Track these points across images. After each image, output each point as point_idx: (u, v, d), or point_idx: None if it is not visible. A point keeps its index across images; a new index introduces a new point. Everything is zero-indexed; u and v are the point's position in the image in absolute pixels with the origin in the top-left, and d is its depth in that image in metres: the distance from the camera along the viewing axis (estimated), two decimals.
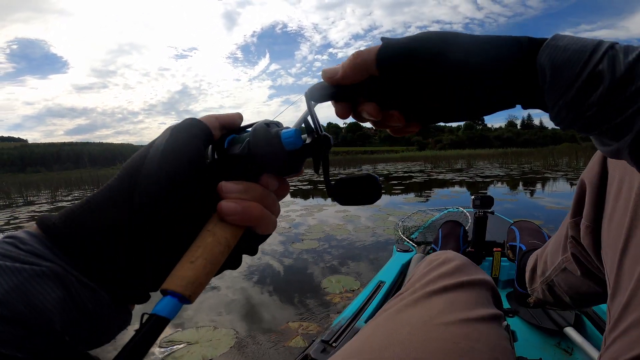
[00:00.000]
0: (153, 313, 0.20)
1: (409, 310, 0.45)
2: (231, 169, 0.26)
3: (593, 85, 0.22)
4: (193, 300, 0.22)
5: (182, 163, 0.24)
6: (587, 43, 0.22)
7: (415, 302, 0.46)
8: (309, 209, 3.78)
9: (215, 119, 0.27)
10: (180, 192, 0.23)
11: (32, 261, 0.19)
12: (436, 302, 0.45)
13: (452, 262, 0.54)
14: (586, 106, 0.22)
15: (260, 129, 0.26)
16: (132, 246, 0.22)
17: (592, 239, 0.45)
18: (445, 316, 0.41)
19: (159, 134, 0.26)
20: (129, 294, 0.23)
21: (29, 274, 0.19)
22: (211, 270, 0.22)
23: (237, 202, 0.24)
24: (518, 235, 0.96)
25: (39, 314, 0.18)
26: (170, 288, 0.21)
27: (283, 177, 0.28)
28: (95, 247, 0.21)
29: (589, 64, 0.22)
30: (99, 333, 0.22)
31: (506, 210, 3.20)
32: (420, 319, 0.42)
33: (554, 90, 0.23)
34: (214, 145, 0.27)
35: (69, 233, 0.21)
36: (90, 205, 0.22)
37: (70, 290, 0.20)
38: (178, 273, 0.21)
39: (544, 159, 11.10)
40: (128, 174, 0.23)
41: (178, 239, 0.23)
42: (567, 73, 0.22)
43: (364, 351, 0.39)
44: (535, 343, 0.89)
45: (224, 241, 0.23)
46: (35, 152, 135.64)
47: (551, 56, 0.23)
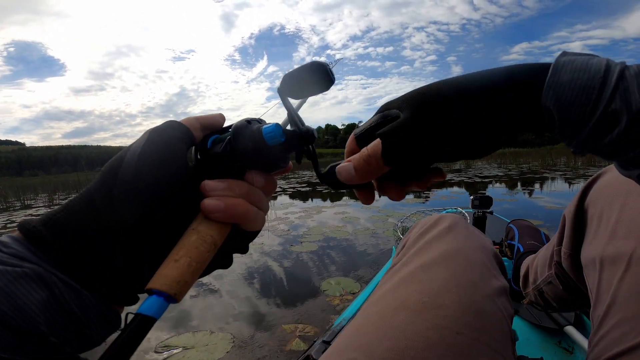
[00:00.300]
0: (138, 312, 0.20)
1: (405, 288, 0.41)
2: (214, 168, 0.26)
3: (607, 127, 0.20)
4: (179, 299, 0.21)
5: (160, 166, 0.24)
6: (594, 75, 0.20)
7: (412, 276, 0.42)
8: (307, 211, 3.76)
9: (195, 120, 0.27)
10: (160, 195, 0.23)
11: (15, 263, 0.20)
12: (434, 277, 0.41)
13: (444, 221, 0.52)
14: (602, 145, 0.21)
15: (240, 126, 0.26)
16: (114, 248, 0.22)
17: (571, 262, 0.53)
18: (445, 296, 0.37)
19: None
20: (114, 295, 0.23)
21: (12, 276, 0.19)
22: (197, 269, 0.22)
23: (220, 199, 0.24)
24: (517, 235, 0.99)
25: (24, 315, 0.18)
26: (155, 287, 0.21)
27: (269, 173, 0.28)
28: (76, 249, 0.21)
29: (600, 103, 0.20)
30: (86, 335, 0.22)
31: (506, 211, 3.19)
32: (418, 300, 0.37)
33: (565, 133, 0.22)
34: (197, 147, 0.27)
35: (49, 236, 0.21)
36: (70, 208, 0.22)
37: (54, 291, 0.20)
38: (162, 272, 0.21)
39: (542, 158, 11.14)
40: (106, 178, 0.23)
41: (163, 240, 0.23)
42: (576, 116, 0.21)
43: (355, 344, 0.35)
44: (536, 342, 0.89)
45: (210, 239, 0.23)
46: (32, 155, 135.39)
47: (556, 98, 0.21)
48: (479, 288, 0.39)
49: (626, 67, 0.20)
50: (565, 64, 0.21)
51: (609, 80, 0.20)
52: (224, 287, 1.80)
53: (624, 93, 0.19)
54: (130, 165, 0.23)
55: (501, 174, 7.50)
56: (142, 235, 0.23)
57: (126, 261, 0.23)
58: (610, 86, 0.20)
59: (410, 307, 0.37)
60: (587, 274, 0.48)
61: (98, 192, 0.23)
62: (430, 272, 0.42)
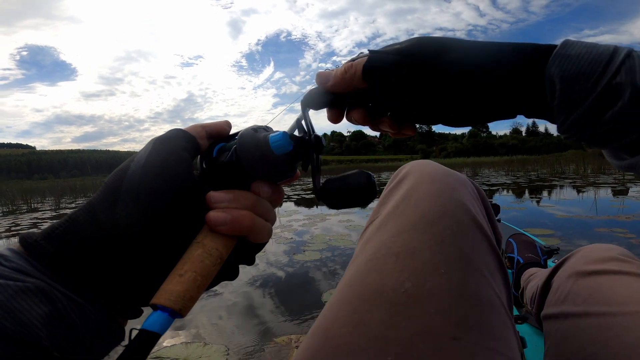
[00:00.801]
0: (143, 328, 0.20)
1: (378, 265, 0.33)
2: (220, 178, 0.25)
3: (609, 100, 0.20)
4: (184, 315, 0.21)
5: (165, 177, 0.23)
6: (602, 51, 0.21)
7: (385, 249, 0.34)
8: (312, 219, 3.72)
9: (201, 128, 0.27)
10: (165, 207, 0.23)
11: (17, 277, 0.19)
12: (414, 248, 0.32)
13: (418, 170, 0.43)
14: (601, 122, 0.21)
15: (247, 134, 0.25)
16: (118, 261, 0.22)
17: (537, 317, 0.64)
18: (431, 278, 0.29)
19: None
20: (118, 309, 0.23)
21: (14, 290, 0.19)
22: (202, 283, 0.22)
23: (226, 211, 0.23)
24: (515, 248, 1.10)
25: (26, 329, 0.18)
26: (160, 302, 0.20)
27: (276, 182, 0.27)
28: (78, 263, 0.21)
29: (605, 75, 0.20)
30: (89, 349, 0.22)
31: (515, 219, 3.11)
32: (394, 286, 0.30)
33: (565, 104, 0.21)
34: (203, 156, 0.27)
35: (51, 250, 0.21)
36: (72, 221, 0.22)
37: (57, 306, 0.20)
38: (167, 287, 0.21)
39: (551, 166, 11.00)
40: (109, 189, 0.23)
41: (169, 253, 0.23)
42: (579, 86, 0.20)
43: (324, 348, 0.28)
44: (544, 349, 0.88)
45: (215, 252, 0.23)
46: (42, 159, 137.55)
47: (562, 67, 0.21)
48: (471, 262, 0.32)
49: (633, 50, 0.21)
50: (575, 43, 0.21)
51: (616, 57, 0.20)
52: (222, 296, 1.75)
53: (630, 69, 0.19)
54: (134, 177, 0.22)
55: (509, 182, 7.40)
56: (146, 248, 0.22)
57: (130, 274, 0.22)
58: (617, 61, 0.20)
59: (387, 299, 0.29)
60: (544, 326, 0.58)
61: (101, 204, 0.22)
62: (409, 243, 0.33)
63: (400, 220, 0.36)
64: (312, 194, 6.77)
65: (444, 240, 0.32)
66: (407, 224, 0.35)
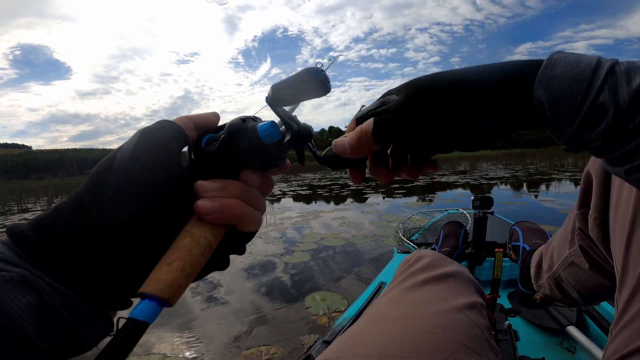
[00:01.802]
0: (130, 317, 0.19)
1: (388, 308, 0.46)
2: (208, 168, 0.25)
3: (595, 119, 0.20)
4: (173, 303, 0.21)
5: (152, 167, 0.23)
6: (584, 68, 0.21)
7: (395, 300, 0.48)
8: (305, 216, 3.60)
9: (189, 120, 0.27)
10: (153, 197, 0.22)
11: (2, 267, 0.19)
12: (413, 297, 0.47)
13: (425, 258, 0.56)
14: (591, 139, 0.21)
15: (235, 124, 0.25)
16: (105, 252, 0.22)
17: (601, 230, 0.45)
18: (421, 309, 0.43)
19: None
20: (106, 299, 0.22)
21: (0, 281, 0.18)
22: (191, 272, 0.22)
23: (214, 200, 0.23)
24: (521, 235, 0.94)
25: (10, 319, 0.18)
26: (147, 291, 0.20)
27: (265, 171, 0.27)
28: (65, 254, 0.21)
29: (589, 96, 0.20)
30: (77, 340, 0.21)
31: (514, 213, 3.01)
32: (398, 314, 0.43)
33: (556, 125, 0.22)
34: (191, 147, 0.26)
35: (37, 240, 0.21)
36: (59, 212, 0.22)
37: (42, 296, 0.20)
38: (155, 276, 0.21)
39: (549, 159, 10.92)
40: (95, 180, 0.23)
41: (157, 243, 0.23)
42: (566, 107, 0.21)
43: (344, 352, 0.39)
44: (537, 342, 0.88)
45: (204, 241, 0.23)
46: (39, 158, 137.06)
47: (547, 89, 0.21)
48: (447, 303, 0.44)
49: (617, 63, 0.21)
50: (558, 60, 0.22)
51: (598, 73, 0.20)
52: (196, 302, 1.63)
53: (612, 87, 0.20)
54: (121, 167, 0.22)
55: (508, 176, 7.30)
56: (134, 238, 0.22)
57: (118, 265, 0.22)
58: (599, 79, 0.20)
59: (393, 318, 0.43)
60: (613, 248, 0.41)
61: (87, 195, 0.22)
62: (410, 294, 0.48)
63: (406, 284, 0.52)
64: (308, 189, 6.66)
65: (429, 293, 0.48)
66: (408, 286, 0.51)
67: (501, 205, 3.58)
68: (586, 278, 0.53)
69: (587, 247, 0.50)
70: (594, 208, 0.45)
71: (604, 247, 0.45)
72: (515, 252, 0.93)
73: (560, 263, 0.58)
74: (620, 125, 0.20)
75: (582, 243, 0.50)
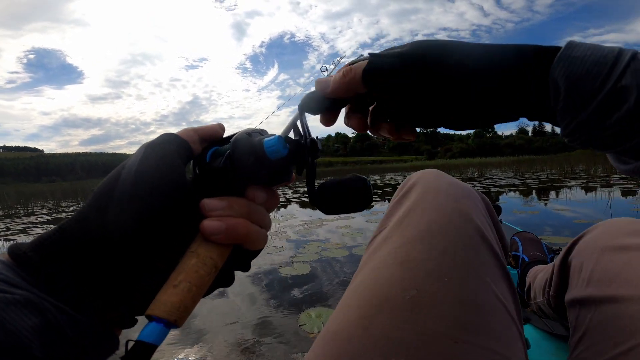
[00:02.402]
0: (139, 340, 0.20)
1: (384, 274, 0.35)
2: (214, 184, 0.25)
3: (615, 103, 0.20)
4: (180, 325, 0.21)
5: (157, 184, 0.22)
6: (607, 53, 0.20)
7: (391, 259, 0.36)
8: (307, 224, 3.50)
9: (193, 132, 0.26)
10: (158, 214, 0.22)
11: (5, 289, 0.19)
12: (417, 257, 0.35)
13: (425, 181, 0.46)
14: (606, 125, 0.20)
15: (241, 139, 0.24)
16: (109, 271, 0.22)
17: (556, 302, 0.65)
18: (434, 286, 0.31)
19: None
20: (111, 318, 0.23)
21: (3, 302, 0.19)
22: (197, 293, 0.22)
23: (221, 220, 0.23)
24: (521, 247, 1.05)
25: (16, 340, 0.18)
26: (154, 313, 0.20)
27: (271, 187, 0.27)
28: (68, 274, 0.21)
29: (610, 78, 0.20)
30: (83, 358, 0.22)
31: (527, 222, 2.87)
32: (403, 295, 0.31)
33: (569, 107, 0.21)
34: (195, 160, 0.26)
35: (39, 261, 0.21)
36: (61, 233, 0.22)
37: (47, 317, 0.20)
38: (162, 298, 0.21)
39: (559, 166, 10.68)
40: (100, 197, 0.22)
41: (162, 261, 0.23)
42: (584, 89, 0.20)
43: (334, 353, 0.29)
44: (548, 350, 0.89)
45: (210, 262, 0.22)
46: (50, 162, 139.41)
47: (566, 69, 0.21)
48: (473, 270, 0.34)
49: (638, 52, 0.20)
50: (580, 44, 0.21)
51: (621, 58, 0.20)
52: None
53: (636, 71, 0.19)
54: (126, 185, 0.22)
55: (518, 183, 7.13)
56: (138, 256, 0.22)
57: (122, 283, 0.22)
58: (622, 63, 0.19)
59: (394, 305, 0.31)
60: (569, 312, 0.52)
61: (92, 213, 0.22)
62: (413, 252, 0.35)
63: (406, 231, 0.38)
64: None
65: (447, 250, 0.34)
66: (412, 235, 0.37)
67: (512, 214, 3.45)
68: (555, 315, 0.70)
69: (550, 305, 0.68)
70: (553, 289, 0.65)
71: (558, 313, 0.67)
72: (515, 261, 1.05)
73: (539, 300, 0.73)
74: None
75: (548, 303, 0.69)
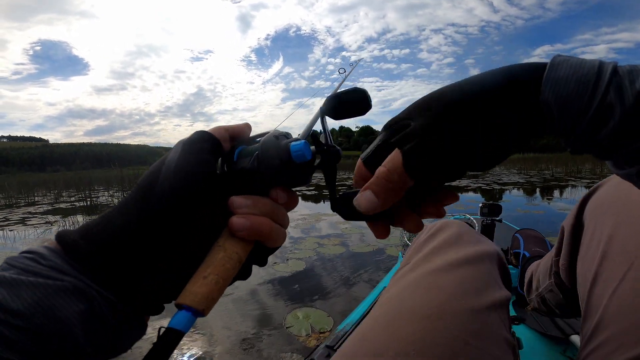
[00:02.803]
0: (170, 327, 0.21)
1: (412, 293, 0.40)
2: (241, 183, 0.26)
3: (602, 119, 0.21)
4: (206, 314, 0.22)
5: (194, 179, 0.24)
6: (588, 71, 0.21)
7: (419, 282, 0.42)
8: (307, 219, 3.44)
9: (224, 131, 0.28)
10: (193, 207, 0.24)
11: (55, 276, 0.21)
12: (442, 284, 0.40)
13: (450, 229, 0.52)
14: (597, 140, 0.21)
15: (269, 142, 0.26)
16: (147, 261, 0.23)
17: (568, 274, 0.56)
18: (452, 304, 0.37)
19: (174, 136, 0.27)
20: (144, 305, 0.24)
21: (53, 289, 0.20)
22: (223, 285, 0.23)
23: (247, 217, 0.24)
24: (522, 243, 1.00)
25: (63, 326, 0.19)
26: (185, 302, 0.22)
27: (292, 188, 0.28)
28: (111, 262, 0.22)
29: (595, 96, 0.20)
30: (118, 343, 0.23)
31: (532, 224, 2.80)
32: (425, 306, 0.37)
33: (563, 126, 0.22)
34: (224, 158, 0.27)
35: (87, 248, 0.22)
36: (106, 221, 0.23)
37: (92, 304, 0.21)
38: (192, 288, 0.22)
39: (565, 165, 10.52)
40: (142, 191, 0.24)
41: (191, 253, 0.24)
42: (573, 108, 0.21)
43: (363, 350, 0.35)
44: (541, 350, 0.89)
45: (235, 256, 0.24)
46: (55, 152, 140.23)
47: (554, 91, 0.21)
48: (484, 297, 0.39)
49: (618, 65, 0.21)
50: (562, 62, 0.22)
51: (603, 75, 0.21)
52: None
53: (617, 87, 0.20)
54: (167, 179, 0.24)
55: (522, 181, 7.02)
56: (173, 248, 0.23)
57: (157, 274, 0.23)
58: (605, 80, 0.20)
59: (418, 314, 0.36)
60: (579, 288, 0.48)
61: (135, 206, 0.23)
62: (438, 279, 0.41)
63: (429, 264, 0.44)
64: (314, 190, 6.50)
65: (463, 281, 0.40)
66: (434, 268, 0.43)
67: (516, 212, 3.37)
68: (563, 302, 0.62)
69: (559, 284, 0.60)
70: (563, 257, 0.55)
71: (572, 287, 0.54)
72: (516, 259, 0.99)
73: (543, 288, 0.67)
74: (627, 124, 0.20)
75: (557, 281, 0.60)
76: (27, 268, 0.20)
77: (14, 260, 0.21)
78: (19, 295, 0.19)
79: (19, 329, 0.18)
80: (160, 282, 0.23)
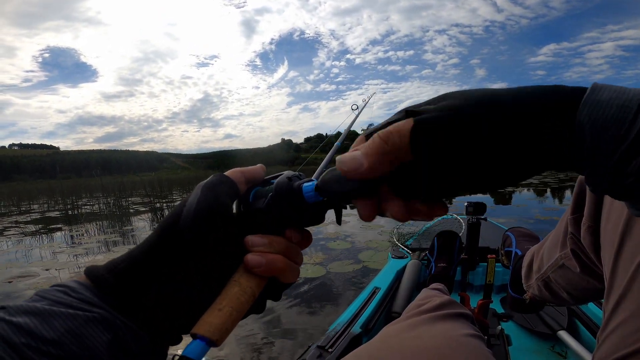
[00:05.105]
0: (183, 355, 0.22)
1: (405, 334, 0.52)
2: (257, 223, 0.28)
3: (636, 150, 0.19)
4: (219, 344, 0.23)
5: (213, 219, 0.26)
6: (632, 97, 0.19)
7: (412, 328, 0.53)
8: None
9: (240, 174, 0.29)
10: (211, 245, 0.26)
11: (84, 307, 0.22)
12: (427, 328, 0.52)
13: (436, 299, 0.61)
14: (627, 172, 0.19)
15: (282, 183, 0.27)
16: (168, 294, 0.25)
17: (593, 238, 0.46)
18: (434, 339, 0.48)
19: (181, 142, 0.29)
20: (165, 336, 0.25)
21: (83, 319, 0.21)
22: (237, 317, 0.25)
23: (262, 255, 0.26)
24: (514, 241, 0.93)
25: (92, 354, 0.21)
26: (200, 332, 0.23)
27: (306, 228, 0.29)
28: (136, 296, 0.24)
29: (636, 124, 0.19)
30: None
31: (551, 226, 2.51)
32: (414, 340, 0.49)
33: (594, 155, 0.20)
34: (240, 199, 0.29)
35: (114, 283, 0.24)
36: (132, 259, 0.25)
37: (118, 334, 0.22)
38: (207, 319, 0.24)
39: None
40: (164, 231, 0.25)
41: (208, 287, 0.26)
42: (610, 135, 0.19)
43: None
44: (529, 347, 0.90)
45: (249, 291, 0.25)
46: (66, 159, 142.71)
47: (591, 114, 0.20)
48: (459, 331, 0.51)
49: None
50: (604, 87, 0.21)
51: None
52: None
53: None
54: (187, 221, 0.25)
55: (535, 182, 6.59)
56: (192, 283, 0.25)
57: (178, 306, 0.25)
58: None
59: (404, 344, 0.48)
60: (603, 256, 0.42)
61: (157, 246, 0.25)
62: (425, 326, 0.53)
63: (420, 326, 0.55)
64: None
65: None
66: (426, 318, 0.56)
67: (535, 218, 2.97)
68: (577, 280, 0.55)
69: (579, 250, 0.52)
70: (587, 217, 0.47)
71: (595, 254, 0.47)
72: (508, 258, 0.92)
73: (550, 265, 0.60)
74: None
75: (574, 247, 0.52)
76: (59, 300, 0.22)
77: (46, 293, 0.23)
78: (50, 324, 0.20)
79: (50, 355, 0.19)
80: (179, 313, 0.25)
